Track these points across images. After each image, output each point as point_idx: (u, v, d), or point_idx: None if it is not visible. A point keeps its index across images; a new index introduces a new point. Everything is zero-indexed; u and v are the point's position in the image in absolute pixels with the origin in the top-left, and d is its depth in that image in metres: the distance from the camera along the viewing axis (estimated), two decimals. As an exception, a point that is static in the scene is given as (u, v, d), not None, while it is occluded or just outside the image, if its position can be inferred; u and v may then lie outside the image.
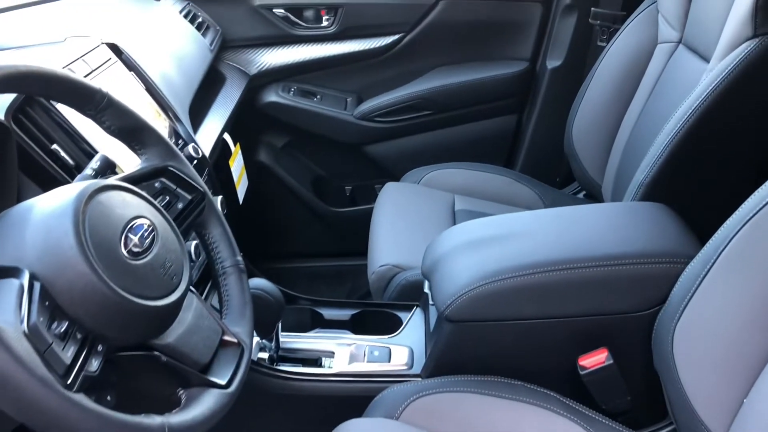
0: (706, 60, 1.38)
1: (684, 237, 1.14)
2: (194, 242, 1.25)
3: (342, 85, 2.09)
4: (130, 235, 0.72)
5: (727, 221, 0.96)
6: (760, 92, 1.23)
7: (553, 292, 1.11)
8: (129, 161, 0.95)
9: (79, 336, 0.65)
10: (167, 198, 0.88)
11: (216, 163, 1.57)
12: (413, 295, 1.42)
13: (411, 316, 1.38)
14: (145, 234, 0.73)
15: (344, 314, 1.44)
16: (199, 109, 1.61)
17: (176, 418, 0.68)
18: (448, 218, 1.66)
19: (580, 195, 1.94)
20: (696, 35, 1.46)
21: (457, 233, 1.27)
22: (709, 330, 0.95)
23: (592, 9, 1.87)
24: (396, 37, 2.02)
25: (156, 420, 0.66)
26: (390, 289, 1.45)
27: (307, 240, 2.20)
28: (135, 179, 0.83)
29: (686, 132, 1.26)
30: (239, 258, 0.93)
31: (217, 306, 0.94)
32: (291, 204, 2.14)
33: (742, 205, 0.95)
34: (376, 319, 1.42)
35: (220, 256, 0.91)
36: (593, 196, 1.76)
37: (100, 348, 0.66)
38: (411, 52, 2.04)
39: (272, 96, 2.04)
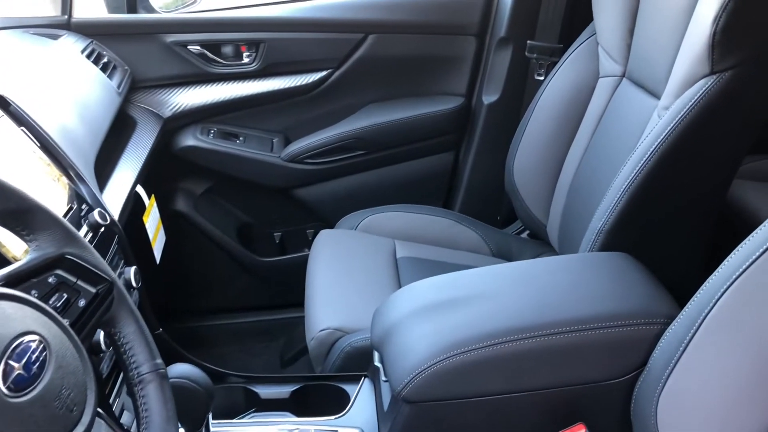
0: (655, 96, 1.32)
1: (657, 293, 1.05)
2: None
3: (267, 125, 1.94)
4: (12, 363, 0.55)
5: (710, 281, 0.88)
6: (717, 130, 1.18)
7: (520, 363, 0.99)
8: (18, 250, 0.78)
9: None
10: (65, 296, 0.70)
11: (128, 223, 1.38)
12: (360, 363, 1.28)
13: (359, 389, 1.24)
14: (33, 357, 0.57)
15: (283, 391, 1.28)
16: (106, 162, 1.43)
17: None
18: (390, 268, 1.55)
19: (524, 235, 1.86)
20: (641, 70, 1.40)
21: (408, 297, 1.14)
22: (695, 401, 0.87)
23: (528, 42, 1.81)
24: (324, 73, 1.89)
25: None
26: (333, 357, 1.31)
27: (235, 294, 2.03)
28: (20, 277, 0.65)
29: (645, 175, 1.18)
30: (159, 361, 0.76)
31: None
32: (214, 255, 1.96)
33: (724, 264, 0.87)
34: (319, 395, 1.27)
35: (134, 360, 0.74)
36: (538, 235, 1.68)
37: None
38: (341, 88, 1.91)
39: (190, 139, 1.86)
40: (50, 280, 0.69)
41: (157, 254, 1.58)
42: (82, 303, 0.71)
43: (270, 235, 2.05)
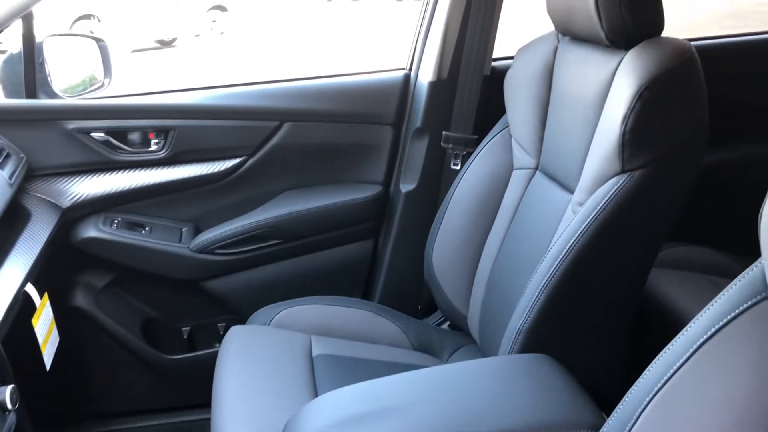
0: (569, 190, 1.33)
1: (579, 401, 1.02)
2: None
3: (176, 215, 1.85)
4: None
5: (633, 390, 0.85)
6: (631, 226, 1.18)
7: (442, 483, 0.92)
8: None
9: None
10: None
11: (14, 327, 1.25)
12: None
13: None
14: None
15: None
16: None
17: None
18: (305, 369, 1.46)
19: (445, 326, 1.82)
20: (553, 164, 1.41)
21: (325, 409, 1.06)
22: None
23: (444, 132, 1.82)
24: (237, 160, 1.83)
25: None
26: (241, 471, 1.20)
27: (139, 395, 1.87)
28: None
29: (562, 274, 1.17)
30: None
31: None
32: (116, 353, 1.81)
33: (647, 373, 0.84)
34: None
35: None
36: (458, 326, 1.64)
37: None
38: (255, 176, 1.85)
39: (91, 231, 1.74)
40: None
41: (48, 359, 1.43)
42: None
43: (177, 330, 1.92)
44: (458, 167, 1.80)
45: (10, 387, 1.00)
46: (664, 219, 1.20)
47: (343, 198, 1.88)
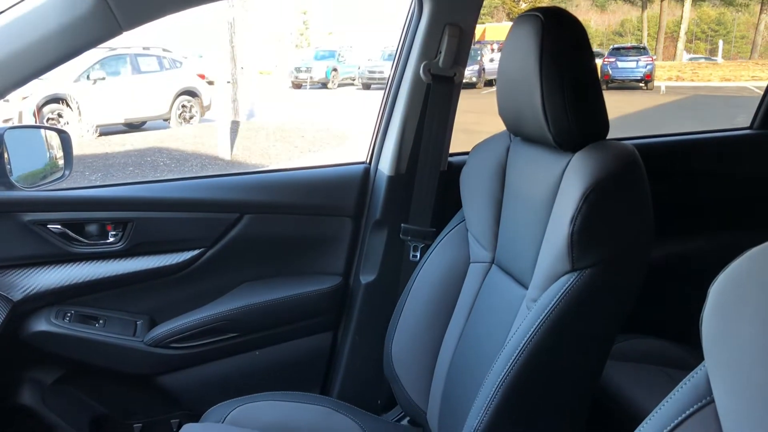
0: (523, 285, 1.34)
1: None
2: None
3: (131, 307, 1.81)
4: None
5: None
6: (586, 323, 1.20)
7: None
8: None
9: None
10: None
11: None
12: None
13: None
14: None
15: None
16: None
17: None
18: (259, 470, 1.41)
19: (404, 421, 1.78)
20: (508, 259, 1.44)
21: None
22: None
23: (402, 225, 1.84)
24: (195, 252, 1.82)
25: None
26: None
27: (84, 499, 1.78)
28: None
29: (516, 373, 1.17)
30: None
31: None
32: None
33: None
34: None
35: None
36: (418, 422, 1.61)
37: None
38: (213, 268, 1.84)
39: (42, 324, 1.70)
40: None
41: None
42: None
43: (129, 426, 1.85)
44: (417, 259, 1.81)
45: None
46: (617, 315, 1.22)
47: (303, 289, 1.87)
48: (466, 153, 1.63)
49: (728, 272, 0.73)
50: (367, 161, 1.95)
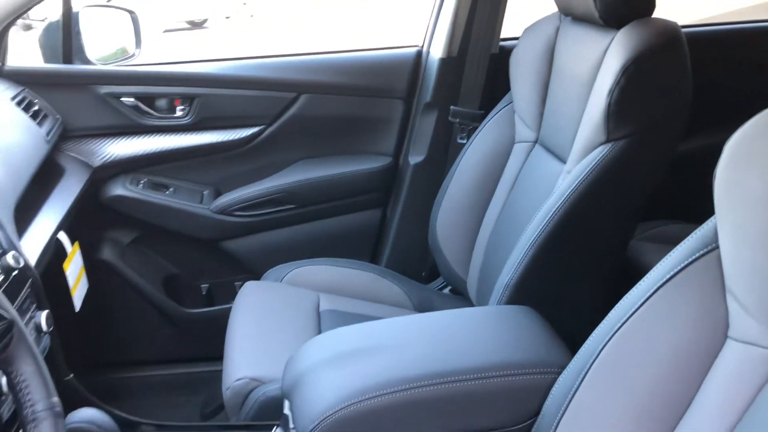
0: (562, 161, 1.41)
1: (553, 344, 1.11)
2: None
3: (198, 178, 1.97)
4: None
5: (596, 331, 0.94)
6: (614, 193, 1.27)
7: (422, 410, 1.03)
8: None
9: None
10: (-40, 332, 0.71)
11: (47, 269, 1.38)
12: (274, 412, 1.28)
13: None
14: None
15: None
16: (29, 208, 1.43)
17: None
18: (312, 320, 1.56)
19: (446, 290, 1.91)
20: (551, 136, 1.50)
21: (321, 346, 1.17)
22: (584, 444, 0.91)
23: (452, 107, 1.90)
24: (256, 129, 1.94)
25: None
26: (247, 407, 1.31)
27: (158, 345, 2.00)
28: None
29: (547, 234, 1.26)
30: (54, 399, 0.77)
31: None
32: (139, 306, 1.94)
33: (609, 315, 0.93)
34: None
35: (30, 398, 0.75)
36: (459, 291, 1.74)
37: None
38: (272, 144, 1.96)
39: (119, 189, 1.87)
40: (-53, 316, 0.70)
41: (77, 302, 1.56)
42: None
43: (197, 287, 2.05)
44: (464, 141, 1.89)
45: (45, 311, 1.13)
46: (644, 188, 1.29)
47: (355, 168, 1.99)
48: (518, 38, 1.66)
49: (744, 129, 0.79)
50: (421, 45, 2.00)
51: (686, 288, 0.86)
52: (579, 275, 1.32)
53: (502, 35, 1.92)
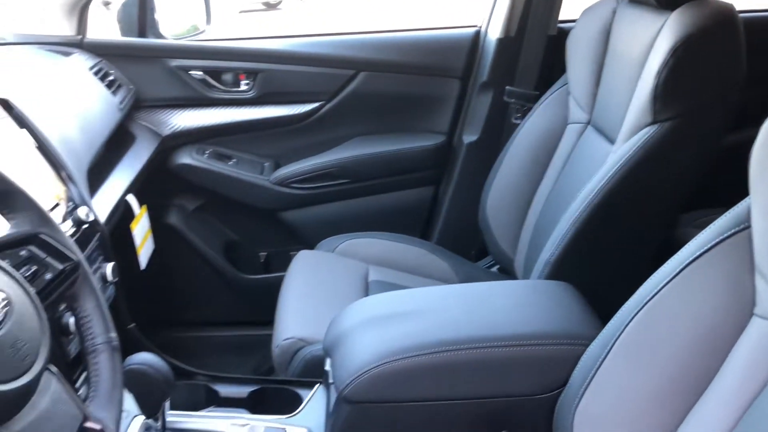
0: (612, 141, 1.42)
1: (586, 318, 1.14)
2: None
3: (259, 150, 2.06)
4: (-23, 311, 0.65)
5: (625, 305, 0.96)
6: (657, 175, 1.27)
7: (454, 373, 1.08)
8: (2, 227, 0.88)
9: None
10: (34, 268, 0.80)
11: (116, 227, 1.49)
12: (318, 371, 1.36)
13: (312, 394, 1.32)
14: (-4, 309, 0.66)
15: (242, 391, 1.37)
16: (101, 170, 1.54)
17: None
18: (360, 289, 1.63)
19: (494, 269, 1.94)
20: (602, 117, 1.50)
21: (363, 308, 1.23)
22: (607, 414, 0.94)
23: (507, 87, 1.92)
24: (316, 104, 2.01)
25: None
26: (294, 365, 1.39)
27: (216, 308, 2.11)
28: (-4, 247, 0.76)
29: (589, 212, 1.28)
30: (112, 335, 0.85)
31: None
32: (201, 269, 2.05)
33: (639, 290, 0.95)
34: (275, 396, 1.35)
35: (91, 332, 0.84)
36: (506, 270, 1.76)
37: None
38: (331, 120, 2.03)
39: (185, 158, 1.98)
40: (22, 253, 0.80)
41: (143, 260, 1.67)
42: (48, 276, 0.81)
43: (255, 254, 2.15)
44: (518, 121, 1.90)
45: (111, 263, 1.23)
46: (688, 173, 1.28)
47: (409, 145, 2.03)
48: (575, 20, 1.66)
49: None
50: (480, 25, 2.02)
51: (715, 265, 0.88)
52: (619, 255, 1.33)
53: (561, 17, 1.92)
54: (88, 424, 0.76)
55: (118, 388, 0.82)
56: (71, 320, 1.03)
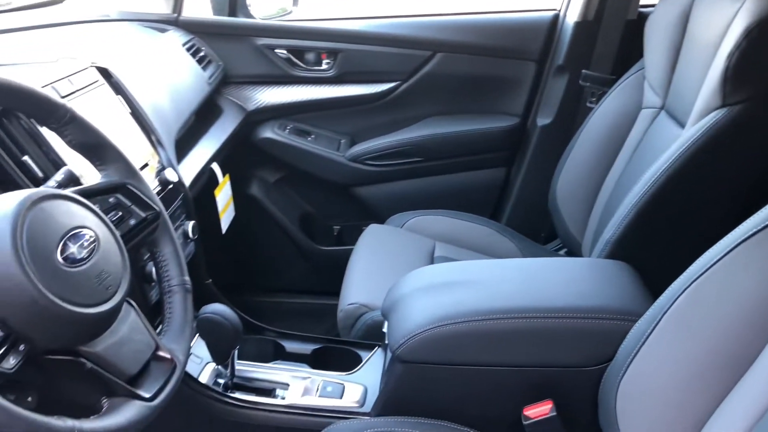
0: (683, 126, 1.41)
1: (638, 295, 1.15)
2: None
3: (336, 127, 2.14)
4: (69, 243, 0.74)
5: (674, 283, 0.97)
6: (723, 159, 1.26)
7: (503, 340, 1.11)
8: (95, 176, 0.99)
9: (0, 333, 0.67)
10: (120, 213, 0.90)
11: (201, 192, 1.60)
12: (380, 336, 1.43)
13: (371, 355, 1.39)
14: (85, 243, 0.76)
15: (306, 348, 1.45)
16: (189, 138, 1.66)
17: (89, 423, 0.70)
18: (425, 263, 1.67)
19: (562, 252, 1.94)
20: (675, 102, 1.49)
21: (420, 276, 1.28)
22: (650, 389, 0.96)
23: (583, 71, 1.92)
24: (392, 84, 2.07)
25: (67, 423, 0.67)
26: (356, 328, 1.46)
27: (291, 276, 2.22)
28: (88, 193, 0.86)
29: (652, 194, 1.28)
30: (186, 278, 0.95)
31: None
32: (277, 239, 2.16)
33: (689, 268, 0.96)
34: (336, 355, 1.43)
35: (167, 274, 0.93)
36: (574, 254, 1.76)
37: (21, 347, 0.68)
38: (406, 100, 2.08)
39: (268, 132, 2.09)
40: (110, 200, 0.90)
41: (224, 225, 1.79)
42: (132, 222, 0.91)
43: (329, 227, 2.24)
44: (593, 105, 1.89)
45: (192, 222, 1.33)
46: (756, 160, 1.26)
47: (483, 126, 2.06)
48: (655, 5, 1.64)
49: None
50: (559, 9, 2.02)
51: (764, 247, 0.88)
52: (680, 238, 1.32)
53: (642, 2, 1.89)
54: (160, 353, 0.86)
55: (189, 325, 0.92)
56: (153, 269, 1.14)
